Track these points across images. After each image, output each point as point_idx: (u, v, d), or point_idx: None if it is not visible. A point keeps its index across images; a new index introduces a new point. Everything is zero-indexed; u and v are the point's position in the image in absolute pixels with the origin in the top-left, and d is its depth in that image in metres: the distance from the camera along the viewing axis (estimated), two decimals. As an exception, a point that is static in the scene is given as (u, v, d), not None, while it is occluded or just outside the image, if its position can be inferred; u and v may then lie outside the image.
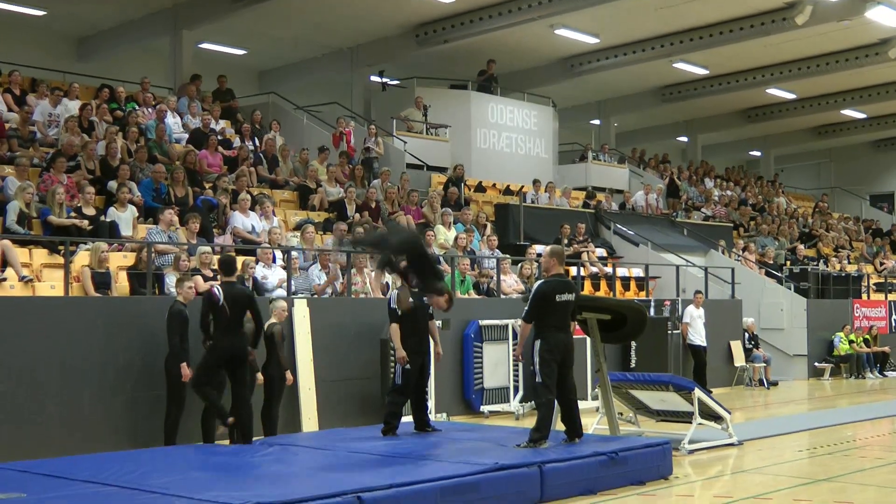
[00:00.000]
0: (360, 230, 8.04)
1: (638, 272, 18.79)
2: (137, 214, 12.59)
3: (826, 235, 26.13)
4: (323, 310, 11.72)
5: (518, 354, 9.33)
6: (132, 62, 20.22)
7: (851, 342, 19.91)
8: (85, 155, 13.62)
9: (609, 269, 18.04)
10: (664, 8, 20.04)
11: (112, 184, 13.08)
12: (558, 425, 8.80)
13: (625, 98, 27.16)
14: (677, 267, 18.20)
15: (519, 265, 16.06)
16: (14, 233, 11.12)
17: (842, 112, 29.05)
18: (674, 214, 23.09)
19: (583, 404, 10.13)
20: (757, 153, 34.62)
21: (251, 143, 17.13)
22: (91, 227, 11.73)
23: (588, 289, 17.17)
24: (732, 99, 27.36)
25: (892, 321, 21.70)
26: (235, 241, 13.12)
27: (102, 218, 12.03)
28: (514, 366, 13.43)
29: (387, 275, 13.32)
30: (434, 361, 9.80)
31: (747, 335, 18.48)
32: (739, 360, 18.12)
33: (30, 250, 11.25)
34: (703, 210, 24.46)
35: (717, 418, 10.41)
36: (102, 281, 10.73)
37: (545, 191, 20.60)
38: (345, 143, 18.54)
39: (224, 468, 7.54)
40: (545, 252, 9.27)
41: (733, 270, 19.14)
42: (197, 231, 12.38)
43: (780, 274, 20.89)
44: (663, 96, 26.74)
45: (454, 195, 18.14)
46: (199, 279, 10.91)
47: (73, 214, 11.85)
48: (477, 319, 13.34)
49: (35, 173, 12.85)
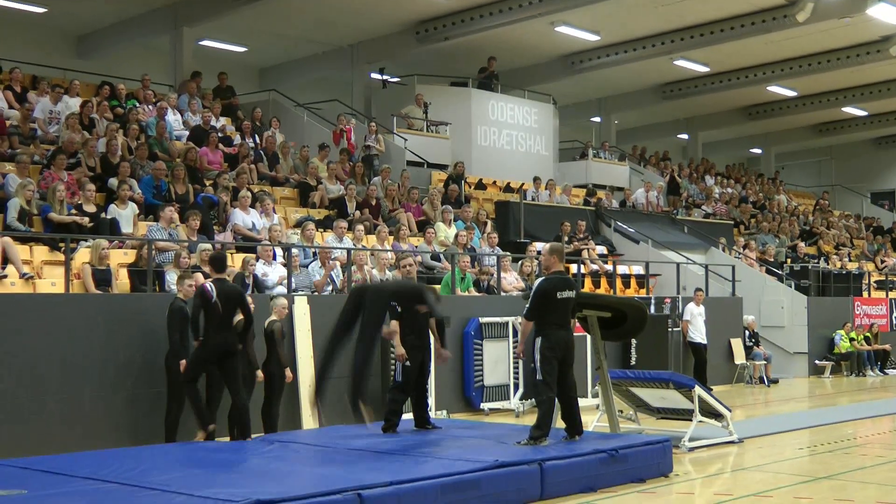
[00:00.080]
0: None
1: (638, 270, 18.78)
2: (138, 211, 12.61)
3: (827, 233, 26.12)
4: (323, 307, 11.71)
5: (519, 352, 9.33)
6: (133, 59, 20.24)
7: (852, 340, 19.89)
8: (85, 152, 13.63)
9: (609, 267, 18.03)
10: (665, 5, 20.03)
11: (113, 181, 13.09)
12: (558, 423, 8.80)
13: (625, 95, 27.14)
14: (678, 264, 18.19)
15: (519, 263, 16.05)
16: (15, 230, 11.14)
17: (843, 109, 29.04)
18: (674, 212, 23.09)
19: (583, 402, 10.15)
20: (758, 150, 34.59)
21: (251, 141, 17.13)
22: (92, 225, 11.75)
23: (588, 286, 17.16)
24: (733, 96, 27.33)
25: (893, 319, 21.68)
26: (236, 239, 13.12)
27: (103, 215, 12.05)
28: (515, 363, 13.43)
29: (387, 272, 13.36)
30: (436, 363, 9.79)
31: (748, 333, 18.47)
32: (740, 358, 18.11)
33: (30, 247, 11.28)
34: (704, 207, 24.44)
35: (718, 416, 10.41)
36: (103, 278, 10.73)
37: (546, 188, 20.59)
38: (345, 141, 18.54)
39: (224, 465, 7.55)
40: (545, 249, 9.25)
41: (734, 268, 19.12)
42: (197, 228, 12.38)
43: (781, 271, 20.87)
44: (664, 94, 26.72)
45: (454, 192, 18.14)
46: (200, 276, 10.88)
47: (74, 211, 11.86)
48: (477, 317, 13.34)
49: (36, 170, 12.86)
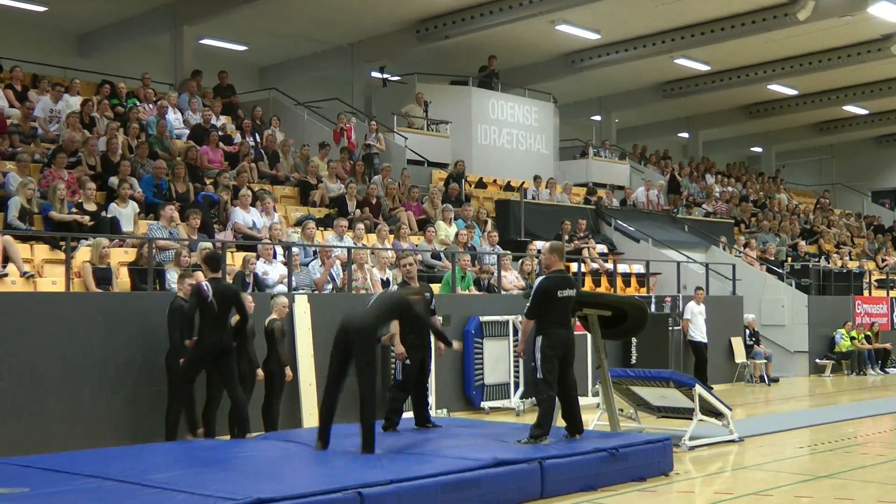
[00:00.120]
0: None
1: (639, 268, 18.78)
2: (138, 210, 12.61)
3: (827, 232, 26.10)
4: (323, 306, 11.71)
5: (520, 351, 9.32)
6: (133, 58, 20.25)
7: (853, 339, 19.88)
8: (86, 151, 13.63)
9: (610, 266, 18.02)
10: (665, 4, 20.01)
11: (113, 180, 13.10)
12: (559, 421, 8.80)
13: (626, 94, 27.13)
14: (678, 263, 18.18)
15: (520, 261, 16.05)
16: (16, 228, 11.14)
17: (843, 108, 29.04)
18: (675, 211, 23.08)
19: (583, 400, 10.13)
20: (758, 149, 34.57)
21: (252, 139, 17.13)
22: (92, 223, 11.76)
23: (589, 285, 17.16)
24: (734, 95, 27.32)
25: (894, 318, 21.67)
26: (236, 237, 13.11)
27: (103, 214, 12.06)
28: (515, 362, 13.43)
29: (387, 270, 13.36)
30: (436, 356, 9.78)
31: (748, 332, 18.46)
32: (740, 357, 18.10)
33: (31, 246, 11.29)
34: (704, 206, 24.44)
35: (718, 415, 10.40)
36: (103, 277, 10.73)
37: (546, 187, 20.59)
38: (345, 139, 18.53)
39: (225, 463, 7.54)
40: (545, 248, 9.24)
41: (734, 267, 19.11)
42: (198, 227, 12.38)
43: (782, 270, 20.87)
44: (664, 92, 26.71)
45: (455, 191, 18.13)
46: (200, 275, 10.85)
47: (75, 210, 11.86)
48: (477, 316, 13.34)
49: (36, 169, 12.86)
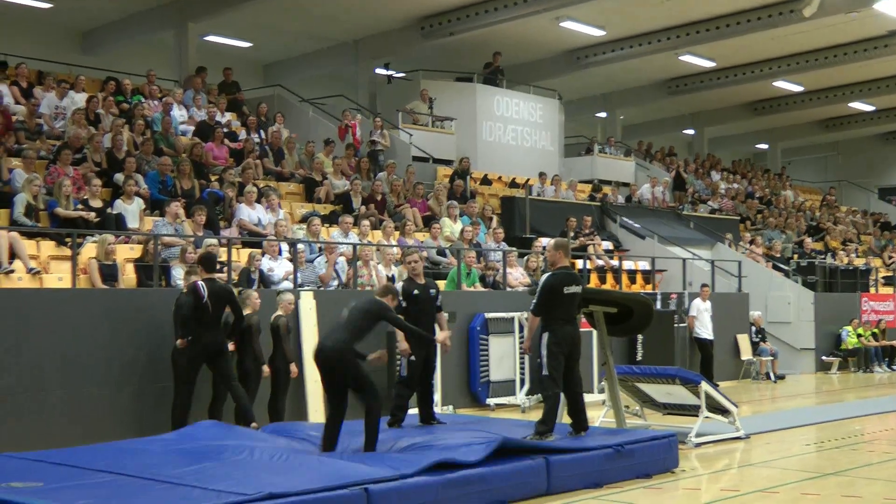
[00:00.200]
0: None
1: (644, 265, 18.75)
2: (144, 207, 12.62)
3: (834, 229, 26.04)
4: (329, 302, 11.70)
5: (526, 347, 9.31)
6: (137, 55, 20.26)
7: (859, 336, 19.83)
8: (91, 147, 13.63)
9: (615, 262, 18.01)
10: (670, 0, 19.96)
11: (118, 176, 13.11)
12: (564, 418, 8.79)
13: (631, 91, 27.09)
14: (684, 260, 18.15)
15: (525, 258, 16.03)
16: (21, 225, 11.15)
17: (849, 105, 28.96)
18: (680, 207, 23.04)
19: (589, 397, 10.13)
20: (764, 146, 34.50)
21: (257, 136, 17.13)
22: (98, 220, 11.77)
23: (594, 282, 17.13)
24: (739, 91, 27.27)
25: (900, 315, 21.62)
26: (241, 234, 13.12)
27: (109, 210, 12.07)
28: (520, 358, 13.41)
29: (392, 267, 13.35)
30: (441, 353, 9.78)
31: (754, 329, 18.42)
32: (746, 354, 18.07)
33: (37, 242, 11.30)
34: (710, 203, 24.40)
35: (724, 412, 10.39)
36: (109, 273, 10.75)
37: (551, 183, 20.57)
38: (350, 136, 18.52)
39: (234, 459, 7.52)
40: (549, 245, 9.21)
41: (740, 264, 19.07)
42: (203, 223, 12.39)
43: (788, 267, 20.82)
44: (669, 89, 26.66)
45: (460, 188, 18.12)
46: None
47: (80, 207, 11.87)
48: (483, 312, 13.32)
49: (42, 165, 12.87)
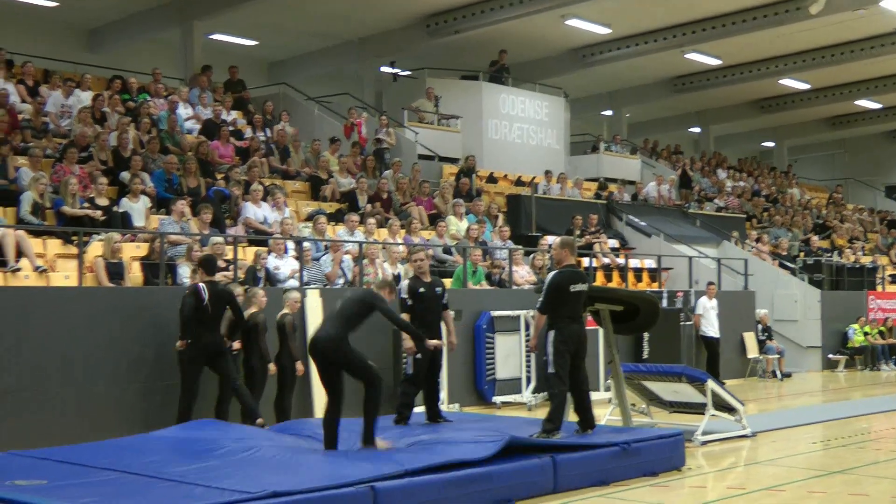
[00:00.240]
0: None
1: (650, 263, 18.73)
2: (150, 205, 12.64)
3: (840, 226, 25.97)
4: (335, 300, 11.66)
5: (532, 346, 9.29)
6: (143, 53, 20.27)
7: (866, 334, 19.79)
8: (97, 146, 13.66)
9: (621, 261, 17.99)
10: (676, -3, 19.95)
11: (124, 174, 13.13)
12: (571, 416, 8.78)
13: (637, 88, 27.03)
14: (690, 258, 18.13)
15: (531, 256, 16.02)
16: (28, 223, 11.17)
17: (856, 102, 28.85)
18: (686, 205, 22.99)
19: (595, 395, 10.12)
20: (770, 144, 34.42)
21: (263, 134, 17.14)
22: (104, 218, 11.79)
23: (600, 280, 17.12)
24: (745, 89, 27.19)
25: (907, 313, 21.56)
26: (247, 232, 13.13)
27: (115, 208, 12.09)
28: (527, 356, 13.40)
29: (398, 265, 13.34)
30: (447, 351, 9.77)
31: (760, 327, 18.40)
32: (753, 352, 18.04)
33: (44, 241, 11.32)
34: (716, 201, 24.36)
35: (731, 410, 10.37)
36: (116, 271, 10.78)
37: (557, 181, 20.55)
38: (356, 134, 18.52)
39: (239, 457, 7.53)
40: (555, 243, 9.18)
41: (746, 262, 19.04)
42: (209, 221, 12.41)
43: (794, 265, 20.78)
44: (675, 87, 26.61)
45: (466, 186, 18.11)
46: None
47: (86, 205, 11.89)
48: (489, 311, 13.32)
49: (48, 164, 12.89)
